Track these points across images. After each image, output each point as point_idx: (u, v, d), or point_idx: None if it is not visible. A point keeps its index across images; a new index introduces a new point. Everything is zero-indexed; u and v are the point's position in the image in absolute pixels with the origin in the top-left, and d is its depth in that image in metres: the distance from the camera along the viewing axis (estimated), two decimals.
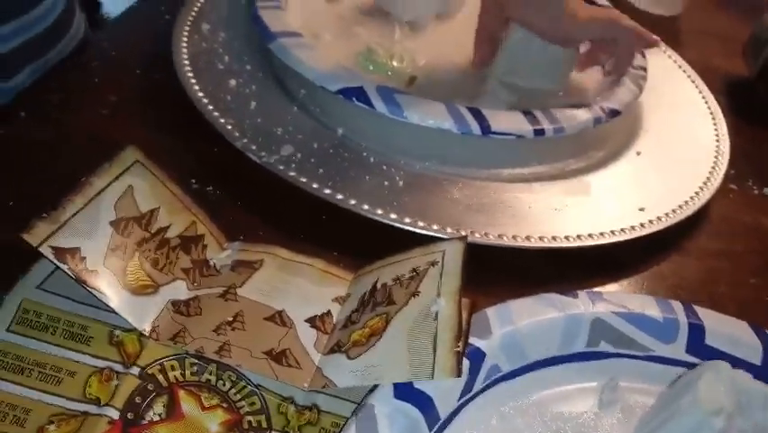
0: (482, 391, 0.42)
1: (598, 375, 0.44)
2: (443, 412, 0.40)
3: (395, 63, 0.64)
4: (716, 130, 0.67)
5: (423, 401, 0.38)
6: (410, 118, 0.53)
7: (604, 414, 0.43)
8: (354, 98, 0.53)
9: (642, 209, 0.55)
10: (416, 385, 0.39)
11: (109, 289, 0.40)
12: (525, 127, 0.55)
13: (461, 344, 0.38)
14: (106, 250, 0.41)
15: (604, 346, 0.45)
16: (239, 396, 0.39)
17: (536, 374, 0.44)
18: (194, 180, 0.52)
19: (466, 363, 0.40)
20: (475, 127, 0.54)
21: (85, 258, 0.40)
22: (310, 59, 0.56)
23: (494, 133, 0.54)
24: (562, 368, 0.44)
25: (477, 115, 0.54)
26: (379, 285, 0.44)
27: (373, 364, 0.39)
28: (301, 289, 0.45)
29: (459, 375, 0.37)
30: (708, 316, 0.46)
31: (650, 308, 0.46)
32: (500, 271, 0.51)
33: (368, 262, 0.47)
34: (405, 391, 0.38)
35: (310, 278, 0.46)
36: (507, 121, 0.55)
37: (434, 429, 0.39)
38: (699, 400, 0.39)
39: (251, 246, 0.47)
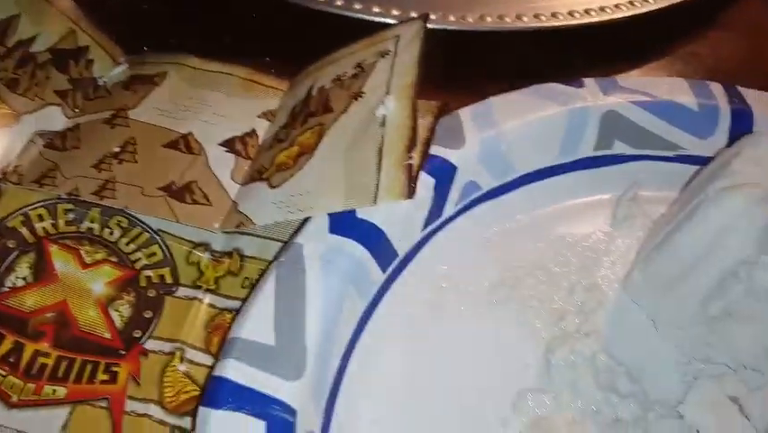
0: (456, 215, 0.32)
1: (611, 185, 0.34)
2: (403, 246, 0.30)
3: None
4: None
5: (370, 235, 0.29)
6: None
7: (618, 233, 0.33)
8: None
9: None
10: (360, 215, 0.29)
11: None
12: None
13: (414, 154, 0.28)
14: None
15: (619, 148, 0.34)
16: (133, 246, 0.30)
17: (528, 190, 0.33)
18: None
19: (429, 180, 0.30)
20: None
21: None
22: None
23: None
24: (563, 179, 0.34)
25: None
26: (314, 91, 0.33)
27: (301, 192, 0.29)
28: (217, 105, 0.34)
29: (410, 196, 0.27)
30: (757, 99, 0.35)
31: (681, 93, 0.34)
32: (484, 65, 0.40)
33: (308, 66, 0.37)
34: (344, 224, 0.28)
35: (228, 90, 0.35)
36: None
37: (392, 267, 0.30)
38: (735, 185, 0.28)
39: (155, 57, 0.36)
